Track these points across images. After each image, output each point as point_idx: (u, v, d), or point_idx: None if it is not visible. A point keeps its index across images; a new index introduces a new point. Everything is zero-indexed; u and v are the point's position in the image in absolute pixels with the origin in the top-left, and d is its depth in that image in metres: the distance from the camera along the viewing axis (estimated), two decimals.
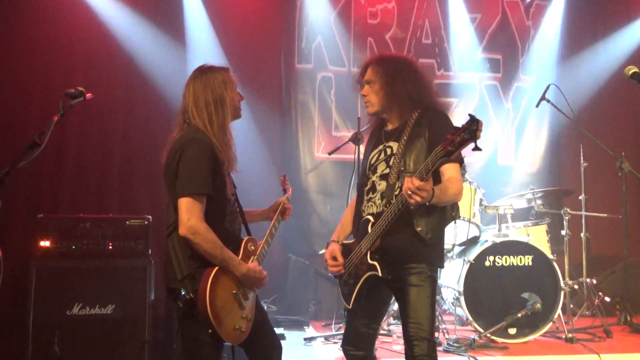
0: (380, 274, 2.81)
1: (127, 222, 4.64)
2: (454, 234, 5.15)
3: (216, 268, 2.81)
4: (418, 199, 2.54)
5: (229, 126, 3.00)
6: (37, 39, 5.80)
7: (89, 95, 3.08)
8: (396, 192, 2.87)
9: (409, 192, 2.54)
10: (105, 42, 5.99)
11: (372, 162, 3.09)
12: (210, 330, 2.75)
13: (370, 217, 2.94)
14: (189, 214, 2.76)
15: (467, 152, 2.52)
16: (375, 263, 2.83)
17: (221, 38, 6.39)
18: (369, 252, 2.88)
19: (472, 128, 2.35)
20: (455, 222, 4.16)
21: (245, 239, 3.06)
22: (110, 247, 4.57)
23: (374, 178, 3.04)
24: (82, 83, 3.67)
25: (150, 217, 4.72)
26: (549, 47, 7.19)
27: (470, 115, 2.38)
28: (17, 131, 5.53)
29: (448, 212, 2.97)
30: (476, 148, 2.40)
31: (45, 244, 4.46)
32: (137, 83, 6.08)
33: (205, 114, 2.93)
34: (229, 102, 2.99)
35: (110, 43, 6.00)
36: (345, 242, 3.15)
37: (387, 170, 2.97)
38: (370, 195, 3.03)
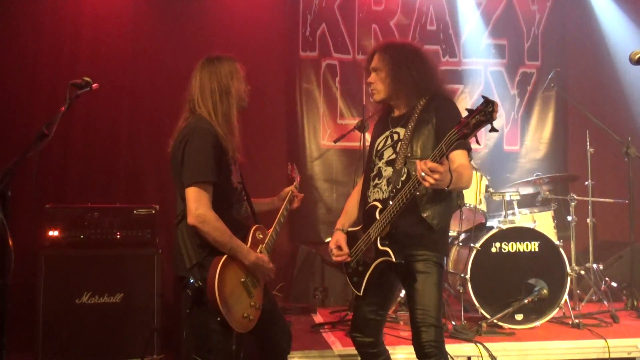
0: (393, 259, 2.81)
1: (135, 212, 4.67)
2: (460, 220, 5.19)
3: (225, 256, 2.83)
4: (432, 180, 2.51)
5: (234, 115, 3.00)
6: (42, 29, 5.79)
7: (95, 85, 3.08)
8: (402, 178, 2.87)
9: (422, 174, 2.52)
10: (110, 30, 5.97)
11: (379, 147, 3.09)
12: (219, 318, 2.77)
13: (377, 203, 2.94)
14: (197, 203, 2.77)
15: (473, 140, 2.51)
16: (387, 249, 2.83)
17: (225, 27, 6.36)
18: (378, 239, 2.87)
19: (488, 110, 2.35)
20: (460, 210, 4.16)
21: (254, 227, 3.08)
22: (118, 237, 4.60)
23: (380, 164, 3.04)
24: (88, 72, 3.67)
25: (157, 206, 4.74)
26: (554, 32, 7.14)
27: (484, 97, 2.38)
28: (23, 122, 5.53)
29: (454, 200, 2.98)
30: (493, 129, 2.39)
31: (53, 233, 4.49)
32: (143, 71, 6.07)
33: (210, 102, 2.94)
34: (235, 92, 3.00)
35: (116, 30, 5.99)
36: (350, 229, 3.15)
37: (394, 156, 2.97)
38: (377, 181, 3.03)
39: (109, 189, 5.85)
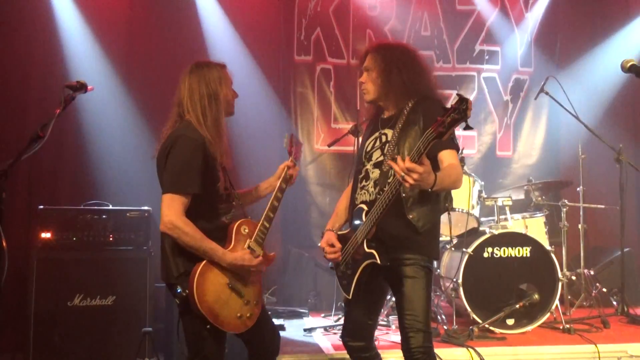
0: (379, 261, 2.80)
1: (127, 214, 4.67)
2: (451, 225, 5.20)
3: (201, 265, 2.81)
4: (411, 181, 2.49)
5: (223, 121, 3.00)
6: (35, 30, 5.79)
7: (90, 88, 3.08)
8: (389, 180, 2.86)
9: (402, 174, 2.50)
10: (105, 32, 5.98)
11: (368, 149, 3.09)
12: (208, 326, 2.77)
13: (364, 206, 2.94)
14: (168, 210, 2.78)
15: (467, 145, 2.51)
16: (373, 251, 2.83)
17: (219, 30, 6.37)
18: (365, 241, 2.87)
19: (462, 107, 2.34)
20: (449, 214, 4.14)
21: (238, 222, 3.02)
22: (111, 239, 4.59)
23: (368, 166, 3.04)
24: (81, 74, 3.67)
25: (150, 208, 4.73)
26: (547, 39, 7.17)
27: (458, 94, 2.37)
28: (16, 123, 5.52)
29: (441, 202, 2.97)
30: (467, 127, 2.40)
31: (46, 235, 4.48)
32: (136, 71, 6.07)
33: (199, 107, 2.94)
34: (223, 98, 3.00)
35: (110, 33, 6.00)
36: (340, 232, 3.15)
37: (382, 158, 2.97)
38: (364, 183, 3.03)
39: (102, 191, 5.84)
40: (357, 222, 2.96)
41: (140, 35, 6.11)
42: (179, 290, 2.81)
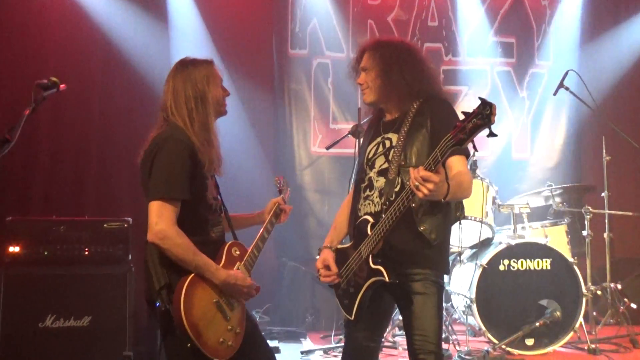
0: (387, 279, 2.80)
1: (105, 225, 4.65)
2: (462, 235, 5.19)
3: (192, 275, 2.81)
4: (426, 191, 2.50)
5: (213, 124, 3.01)
6: (4, 25, 5.79)
7: (62, 86, 3.07)
8: (396, 189, 2.87)
9: (416, 184, 2.51)
10: (80, 26, 5.97)
11: (370, 155, 3.09)
12: (189, 344, 2.75)
13: (369, 217, 2.94)
14: (158, 218, 2.77)
15: (479, 146, 2.51)
16: (380, 267, 2.82)
17: (207, 21, 6.38)
18: (370, 257, 2.87)
19: (485, 112, 2.34)
20: (460, 223, 4.13)
21: (229, 243, 3.05)
22: (87, 253, 4.57)
23: (371, 174, 3.04)
24: (55, 72, 3.67)
25: (130, 219, 4.72)
26: (567, 29, 7.19)
27: (481, 98, 2.37)
28: None
29: (452, 211, 2.97)
30: (491, 134, 2.38)
31: (14, 249, 4.46)
32: (116, 71, 6.08)
33: (185, 110, 2.94)
34: (211, 98, 3.00)
35: (86, 26, 5.99)
36: (340, 246, 3.15)
37: (386, 165, 2.97)
38: (368, 192, 3.03)
39: (77, 200, 5.84)
40: (360, 235, 2.95)
41: (121, 24, 6.09)
42: (158, 304, 2.80)
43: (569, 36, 7.19)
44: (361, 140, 4.34)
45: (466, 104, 6.83)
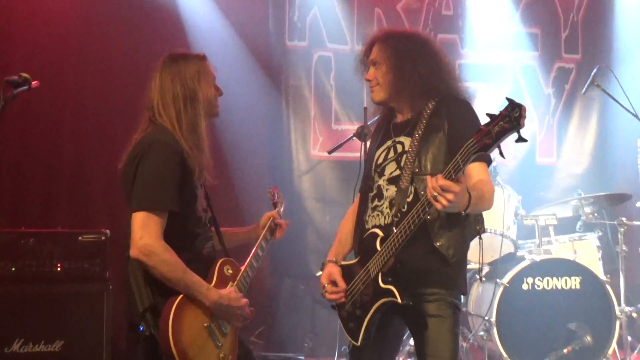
0: (399, 300, 2.79)
1: (80, 238, 4.65)
2: (482, 250, 5.17)
3: (181, 296, 2.81)
4: (445, 202, 2.49)
5: (203, 126, 3.01)
6: None
7: (35, 83, 3.08)
8: (409, 200, 2.87)
9: (434, 194, 2.50)
10: (51, 15, 5.98)
11: (379, 161, 3.09)
12: None
13: (378, 231, 2.93)
14: (143, 231, 2.77)
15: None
16: (391, 287, 2.82)
17: (193, 12, 6.37)
18: (380, 275, 2.86)
19: (514, 115, 2.33)
20: (480, 238, 4.13)
21: (221, 260, 3.06)
22: (59, 269, 4.57)
23: (380, 182, 3.04)
24: (24, 67, 3.66)
25: (108, 231, 4.72)
26: (599, 19, 7.19)
27: (509, 99, 2.36)
28: None
29: (472, 224, 2.96)
30: (520, 139, 2.37)
31: None
32: (92, 66, 6.07)
33: (172, 110, 2.96)
34: (202, 97, 3.01)
35: (57, 16, 6.00)
36: (344, 263, 3.14)
37: (398, 172, 2.97)
38: (376, 202, 3.03)
39: (49, 210, 5.83)
40: (368, 251, 2.94)
41: (99, 24, 6.11)
42: (142, 329, 2.79)
43: (601, 26, 7.18)
44: (368, 143, 4.35)
45: (484, 103, 6.82)
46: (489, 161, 2.90)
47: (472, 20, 7.04)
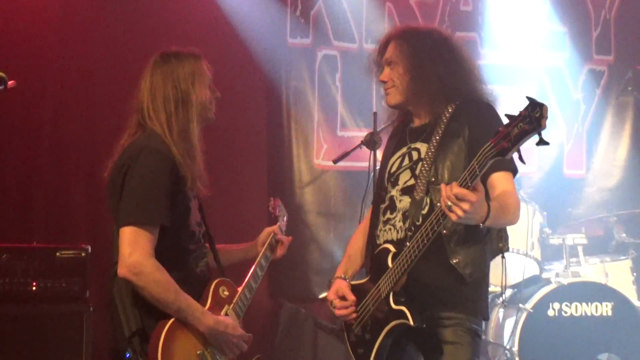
0: (411, 322, 2.81)
1: (58, 254, 4.66)
2: (503, 272, 5.18)
3: (172, 320, 2.82)
4: (460, 212, 2.50)
5: (196, 132, 3.02)
6: None
7: (11, 82, 3.11)
8: (424, 212, 2.88)
9: (449, 203, 2.51)
10: (29, 11, 6.02)
11: (393, 170, 3.11)
12: None
13: (390, 246, 2.95)
14: (132, 248, 2.78)
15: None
16: (403, 308, 2.83)
17: (187, 6, 6.41)
18: (391, 295, 2.88)
19: (535, 115, 2.34)
20: (503, 257, 4.15)
21: (216, 281, 3.06)
22: (35, 288, 4.59)
23: (393, 192, 3.05)
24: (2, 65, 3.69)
25: (88, 247, 4.74)
26: (633, 16, 7.22)
27: (529, 98, 2.38)
28: None
29: (494, 241, 2.97)
30: (541, 142, 2.36)
31: None
32: (74, 64, 6.11)
33: (163, 114, 2.96)
34: (196, 100, 3.01)
35: (37, 10, 6.04)
36: (354, 282, 3.15)
37: (412, 182, 2.99)
38: (388, 215, 3.04)
39: (24, 223, 5.84)
40: (379, 268, 2.96)
41: (82, 21, 6.12)
42: (128, 355, 2.80)
43: (636, 25, 7.20)
44: (377, 151, 4.37)
45: (507, 107, 6.83)
46: (514, 170, 2.90)
47: (493, 17, 7.05)
